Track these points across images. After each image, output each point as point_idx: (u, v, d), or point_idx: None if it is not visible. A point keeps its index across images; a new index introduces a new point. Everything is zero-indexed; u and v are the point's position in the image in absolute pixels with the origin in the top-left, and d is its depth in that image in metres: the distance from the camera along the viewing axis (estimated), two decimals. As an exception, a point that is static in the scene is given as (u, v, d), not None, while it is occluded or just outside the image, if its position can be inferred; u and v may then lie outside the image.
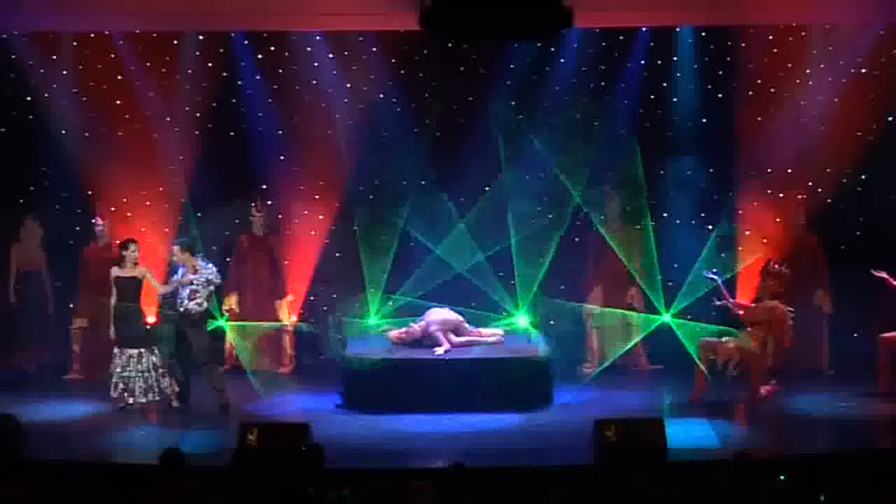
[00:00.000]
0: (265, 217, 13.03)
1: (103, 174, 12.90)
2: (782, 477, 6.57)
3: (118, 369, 11.14)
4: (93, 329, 12.64)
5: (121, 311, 11.21)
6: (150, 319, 12.45)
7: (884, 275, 11.47)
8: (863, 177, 13.12)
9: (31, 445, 9.46)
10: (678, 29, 13.07)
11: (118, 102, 13.11)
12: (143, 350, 11.17)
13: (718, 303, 11.47)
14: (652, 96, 13.38)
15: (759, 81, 13.08)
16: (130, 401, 11.11)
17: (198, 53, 13.17)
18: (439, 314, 11.83)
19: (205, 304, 11.18)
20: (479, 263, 13.03)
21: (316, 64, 13.27)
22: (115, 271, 11.26)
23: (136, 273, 11.24)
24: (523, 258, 12.98)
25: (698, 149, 13.11)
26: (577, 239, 13.25)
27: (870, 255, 12.56)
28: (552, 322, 12.99)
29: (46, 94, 13.03)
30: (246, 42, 13.15)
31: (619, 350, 12.75)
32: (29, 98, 13.04)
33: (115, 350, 11.19)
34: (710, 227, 13.09)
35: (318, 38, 13.15)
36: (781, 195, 12.90)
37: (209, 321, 11.48)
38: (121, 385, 11.12)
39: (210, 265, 11.29)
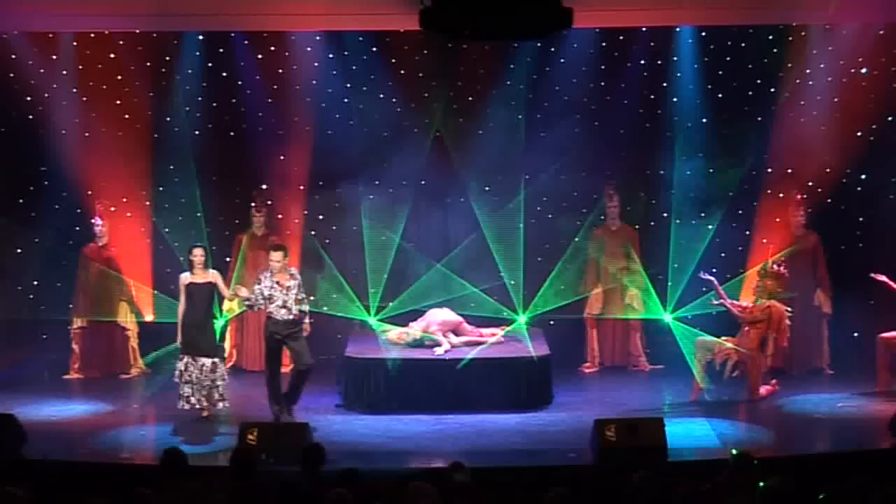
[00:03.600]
0: (265, 217, 13.04)
1: (103, 174, 12.89)
2: (762, 483, 6.53)
3: (193, 378, 10.55)
4: (92, 329, 12.65)
5: (193, 319, 10.68)
6: (149, 318, 12.51)
7: (883, 278, 11.48)
8: (863, 177, 13.12)
9: (31, 445, 9.46)
10: (678, 29, 13.08)
11: (118, 102, 13.11)
12: (216, 360, 10.69)
13: (716, 302, 11.47)
14: (652, 96, 13.38)
15: (759, 81, 13.09)
16: (205, 413, 10.61)
17: (198, 53, 13.18)
18: (439, 314, 11.83)
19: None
20: (480, 264, 13.06)
21: (316, 64, 13.27)
22: (187, 277, 10.71)
23: (209, 278, 10.77)
24: (519, 255, 13.04)
25: (698, 149, 13.11)
26: (576, 239, 13.26)
27: (870, 254, 12.58)
28: (552, 322, 13.00)
29: (46, 94, 13.02)
30: (246, 42, 13.15)
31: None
32: (29, 98, 13.04)
33: (187, 359, 10.61)
34: (710, 226, 13.10)
35: (317, 38, 13.15)
36: (781, 195, 12.90)
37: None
38: (195, 396, 10.55)
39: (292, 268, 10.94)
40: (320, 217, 13.38)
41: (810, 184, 12.95)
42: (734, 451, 7.44)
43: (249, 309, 11.14)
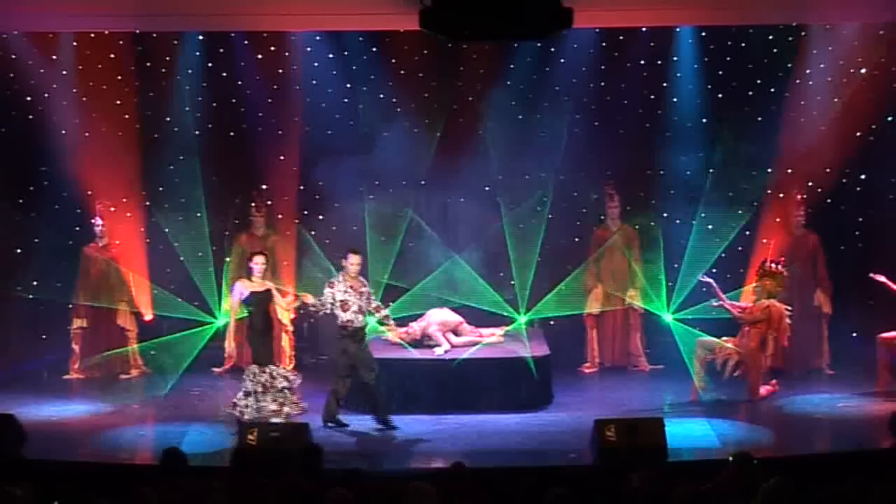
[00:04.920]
0: (265, 217, 13.04)
1: (104, 174, 12.89)
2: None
3: (257, 387, 10.39)
4: (92, 329, 12.65)
5: (255, 328, 10.59)
6: (148, 317, 12.50)
7: (882, 278, 11.49)
8: (863, 177, 13.12)
9: (31, 445, 9.45)
10: (678, 29, 13.08)
11: (118, 102, 13.12)
12: (277, 366, 10.63)
13: (715, 304, 11.47)
14: (652, 96, 13.39)
15: (759, 81, 13.09)
16: (256, 415, 10.36)
17: (198, 53, 13.19)
18: (439, 315, 11.83)
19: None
20: (479, 264, 13.06)
21: (316, 64, 13.28)
22: (247, 286, 10.53)
23: (268, 286, 10.69)
24: (519, 255, 13.04)
25: (698, 149, 13.11)
26: (577, 239, 13.27)
27: (870, 255, 12.58)
28: (552, 322, 13.01)
29: (46, 94, 13.02)
30: (246, 42, 13.16)
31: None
32: (29, 98, 13.03)
33: (255, 368, 10.45)
34: (710, 226, 13.10)
35: (318, 38, 13.16)
36: (781, 195, 12.90)
37: None
38: (251, 401, 10.38)
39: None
40: (320, 217, 13.38)
41: (810, 184, 12.96)
42: (731, 458, 7.42)
43: (315, 313, 11.02)
